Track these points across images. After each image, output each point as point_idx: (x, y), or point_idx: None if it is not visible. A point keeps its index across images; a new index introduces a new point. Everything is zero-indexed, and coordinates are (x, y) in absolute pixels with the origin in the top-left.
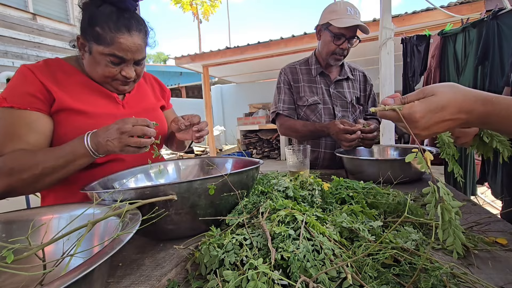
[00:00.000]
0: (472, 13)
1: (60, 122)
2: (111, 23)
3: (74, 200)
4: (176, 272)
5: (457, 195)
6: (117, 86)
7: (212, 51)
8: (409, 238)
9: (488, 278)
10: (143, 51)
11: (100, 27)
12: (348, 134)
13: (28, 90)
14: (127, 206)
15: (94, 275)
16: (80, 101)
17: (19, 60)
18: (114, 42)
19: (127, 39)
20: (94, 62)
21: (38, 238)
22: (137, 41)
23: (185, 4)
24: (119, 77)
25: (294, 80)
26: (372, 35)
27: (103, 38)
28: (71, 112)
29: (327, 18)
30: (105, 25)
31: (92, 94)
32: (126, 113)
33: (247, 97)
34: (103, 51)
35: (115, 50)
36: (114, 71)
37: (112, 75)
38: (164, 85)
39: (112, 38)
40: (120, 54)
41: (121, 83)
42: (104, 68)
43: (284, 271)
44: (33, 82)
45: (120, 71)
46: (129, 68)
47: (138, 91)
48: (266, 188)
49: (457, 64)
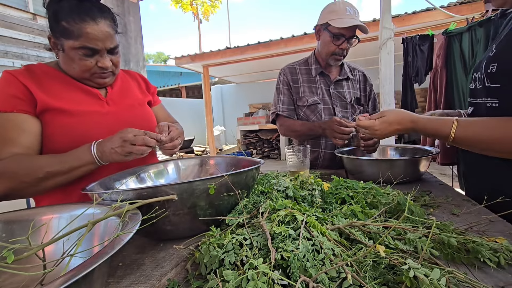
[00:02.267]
0: (472, 13)
1: (46, 123)
2: (74, 15)
3: (69, 201)
4: (176, 272)
5: (457, 195)
6: (96, 80)
7: (212, 51)
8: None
9: (488, 278)
10: (113, 39)
11: (65, 21)
12: (342, 127)
13: (12, 92)
14: (127, 206)
15: (94, 275)
16: (62, 101)
17: (19, 60)
18: (81, 34)
19: (94, 28)
20: (69, 59)
21: (38, 238)
22: (105, 28)
23: (185, 5)
24: (96, 69)
25: (293, 80)
26: (372, 35)
27: (70, 32)
28: (55, 112)
29: (326, 18)
30: (69, 18)
31: (75, 92)
32: (111, 110)
33: (247, 97)
34: (73, 45)
35: (85, 41)
36: (90, 64)
37: (88, 68)
38: (149, 82)
39: (79, 30)
40: (90, 45)
41: (99, 76)
42: (80, 63)
43: (284, 271)
44: (15, 85)
45: (96, 62)
46: (104, 58)
47: (122, 87)
48: (266, 188)
49: (464, 63)
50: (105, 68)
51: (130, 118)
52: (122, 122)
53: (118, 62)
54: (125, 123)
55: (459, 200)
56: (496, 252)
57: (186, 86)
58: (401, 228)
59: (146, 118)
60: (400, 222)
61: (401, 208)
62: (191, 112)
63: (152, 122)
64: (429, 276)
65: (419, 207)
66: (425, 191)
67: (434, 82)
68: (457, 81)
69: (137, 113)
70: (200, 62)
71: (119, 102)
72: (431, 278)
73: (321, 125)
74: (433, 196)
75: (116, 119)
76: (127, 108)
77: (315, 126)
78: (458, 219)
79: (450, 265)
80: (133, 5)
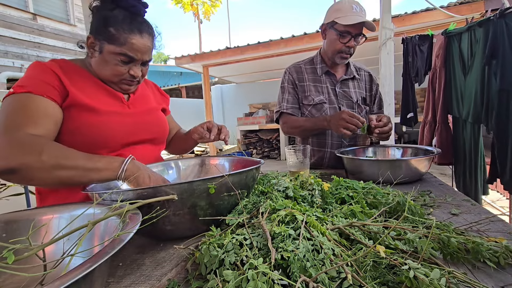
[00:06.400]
0: (472, 13)
1: (71, 117)
2: (125, 25)
3: (74, 200)
4: (176, 272)
5: (457, 195)
6: (122, 86)
7: (212, 51)
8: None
9: (488, 278)
10: (150, 53)
11: (114, 28)
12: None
13: (46, 79)
14: (127, 206)
15: (94, 275)
16: (90, 98)
17: (19, 60)
18: (126, 43)
19: (139, 40)
20: (104, 61)
21: (38, 238)
22: (147, 43)
23: (186, 4)
24: (127, 76)
25: (299, 79)
26: (372, 35)
27: (116, 38)
28: (83, 108)
29: (333, 16)
30: (119, 27)
31: (101, 92)
32: (131, 112)
33: (247, 97)
34: (114, 50)
35: (127, 49)
36: (123, 70)
37: (120, 74)
38: (164, 92)
39: (125, 39)
40: (131, 54)
41: (127, 83)
42: (114, 67)
43: (284, 271)
44: (49, 73)
45: (129, 70)
46: (137, 68)
47: (141, 93)
48: (266, 188)
49: (463, 64)
50: (136, 77)
51: (147, 121)
52: (140, 124)
53: (146, 74)
54: (142, 124)
55: (459, 200)
56: (496, 252)
57: (186, 86)
58: (401, 228)
59: (161, 123)
60: (400, 222)
61: (401, 208)
62: (191, 112)
63: (165, 127)
64: (429, 276)
65: (419, 207)
66: (425, 191)
67: (432, 82)
68: (455, 81)
69: (153, 118)
70: (200, 62)
71: (139, 106)
72: (431, 278)
73: (326, 117)
74: (433, 196)
75: (135, 120)
76: (145, 112)
77: (320, 120)
78: (458, 219)
79: (450, 265)
80: None
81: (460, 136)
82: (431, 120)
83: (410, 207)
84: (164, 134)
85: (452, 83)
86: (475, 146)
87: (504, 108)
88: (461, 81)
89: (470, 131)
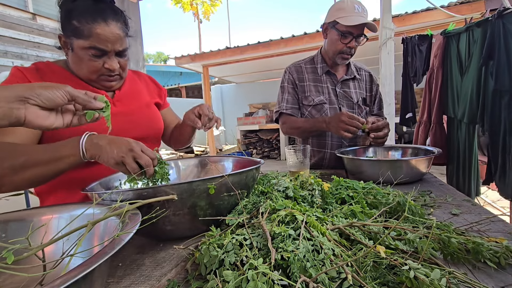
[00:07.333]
0: (472, 13)
1: None
2: (87, 14)
3: (74, 201)
4: (176, 272)
5: (457, 195)
6: (103, 82)
7: (212, 51)
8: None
9: (489, 278)
10: (123, 42)
11: (76, 20)
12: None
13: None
14: (127, 206)
15: (94, 275)
16: None
17: (19, 60)
18: (92, 34)
19: (104, 29)
20: (78, 59)
21: (38, 238)
22: (115, 31)
23: (186, 4)
24: (104, 71)
25: (299, 79)
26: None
27: (81, 31)
28: None
29: (334, 16)
30: (81, 18)
31: None
32: (118, 110)
33: (247, 97)
34: (83, 45)
35: (95, 42)
36: (98, 65)
37: (96, 69)
38: (160, 84)
39: (90, 30)
40: (100, 46)
41: (106, 79)
42: (88, 63)
43: (284, 271)
44: (22, 81)
45: (103, 64)
46: (112, 60)
47: (130, 89)
48: (266, 188)
49: (460, 64)
50: (112, 70)
51: (136, 119)
52: (128, 123)
53: (126, 65)
54: (131, 123)
55: (459, 200)
56: (496, 253)
57: (186, 86)
58: (401, 228)
59: (152, 119)
60: (400, 222)
61: (401, 208)
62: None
63: (158, 123)
64: (430, 276)
65: (419, 207)
66: (425, 191)
67: (430, 82)
68: (452, 82)
69: (143, 115)
70: (200, 62)
71: (127, 104)
72: (432, 279)
73: (325, 119)
74: (433, 196)
75: (123, 119)
76: (134, 109)
77: (319, 121)
78: (458, 219)
79: (450, 265)
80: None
81: (454, 136)
82: (426, 120)
83: (411, 207)
84: (158, 131)
85: (448, 83)
86: (470, 146)
87: (497, 108)
88: (458, 81)
89: (465, 131)
